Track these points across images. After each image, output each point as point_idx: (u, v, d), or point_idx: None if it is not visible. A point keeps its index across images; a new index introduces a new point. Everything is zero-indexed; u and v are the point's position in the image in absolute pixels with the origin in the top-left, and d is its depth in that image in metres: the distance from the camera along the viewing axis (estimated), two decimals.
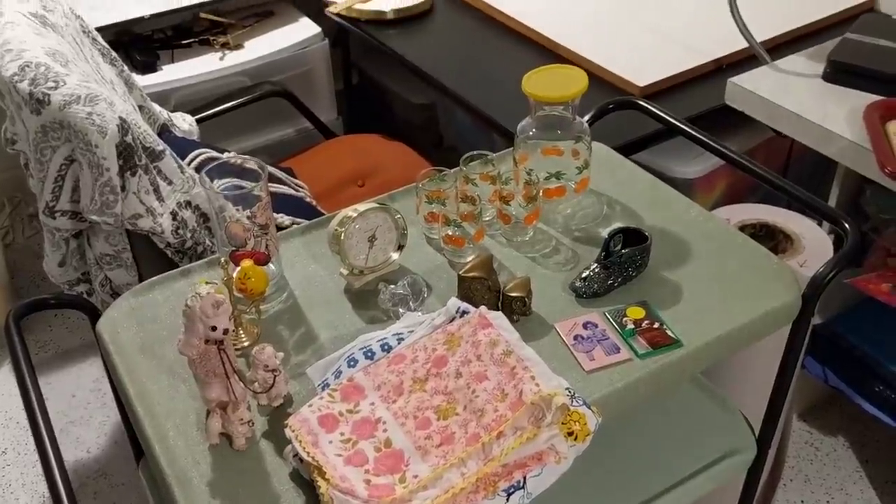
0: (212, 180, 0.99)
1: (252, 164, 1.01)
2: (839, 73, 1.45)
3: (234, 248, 0.99)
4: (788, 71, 1.51)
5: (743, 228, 1.48)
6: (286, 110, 1.98)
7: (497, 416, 0.80)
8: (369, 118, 2.40)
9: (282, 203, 1.55)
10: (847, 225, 1.09)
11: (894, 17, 1.65)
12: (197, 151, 1.48)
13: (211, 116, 1.80)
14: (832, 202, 1.57)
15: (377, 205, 1.06)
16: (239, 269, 0.94)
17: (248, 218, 0.99)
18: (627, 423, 1.19)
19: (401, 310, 1.02)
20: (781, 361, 1.13)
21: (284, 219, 1.46)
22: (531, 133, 1.17)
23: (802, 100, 1.42)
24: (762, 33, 1.64)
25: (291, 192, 1.62)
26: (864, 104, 1.36)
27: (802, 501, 1.81)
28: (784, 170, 1.82)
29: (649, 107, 1.35)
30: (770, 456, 1.60)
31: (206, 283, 0.82)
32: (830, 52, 1.48)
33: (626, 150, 1.53)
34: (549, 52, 1.80)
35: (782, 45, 1.73)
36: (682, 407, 1.24)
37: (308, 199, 1.63)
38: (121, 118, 1.14)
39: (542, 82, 1.13)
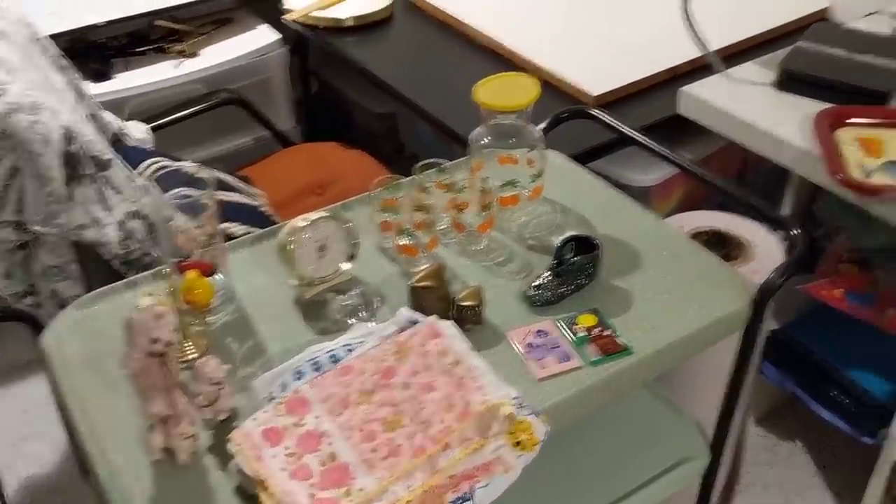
0: (164, 190, 0.98)
1: (202, 172, 1.00)
2: (791, 81, 1.46)
3: (179, 259, 0.97)
4: (741, 79, 1.52)
5: (697, 235, 1.49)
6: (244, 118, 1.97)
7: (444, 427, 0.79)
8: (329, 127, 2.38)
9: (237, 212, 1.53)
10: (796, 232, 1.10)
11: (845, 27, 1.68)
12: (150, 161, 1.45)
13: (166, 125, 1.78)
14: (786, 209, 1.59)
15: (327, 214, 1.05)
16: (184, 280, 0.92)
17: (196, 228, 0.97)
18: (581, 431, 1.19)
19: (351, 320, 1.00)
20: (733, 367, 1.14)
21: (239, 228, 1.45)
22: (484, 142, 1.16)
23: (754, 108, 1.43)
24: (716, 42, 1.65)
25: (247, 201, 1.60)
26: (814, 112, 1.37)
27: None
28: (740, 177, 1.83)
29: (602, 116, 1.35)
30: (726, 462, 1.61)
31: (148, 294, 0.81)
32: (782, 60, 1.50)
33: (583, 158, 1.53)
34: (506, 61, 1.81)
35: (736, 54, 1.74)
36: (635, 414, 1.24)
37: (264, 208, 1.61)
38: (65, 127, 1.12)
39: (494, 91, 1.13)
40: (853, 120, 1.33)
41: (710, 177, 1.21)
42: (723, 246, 1.47)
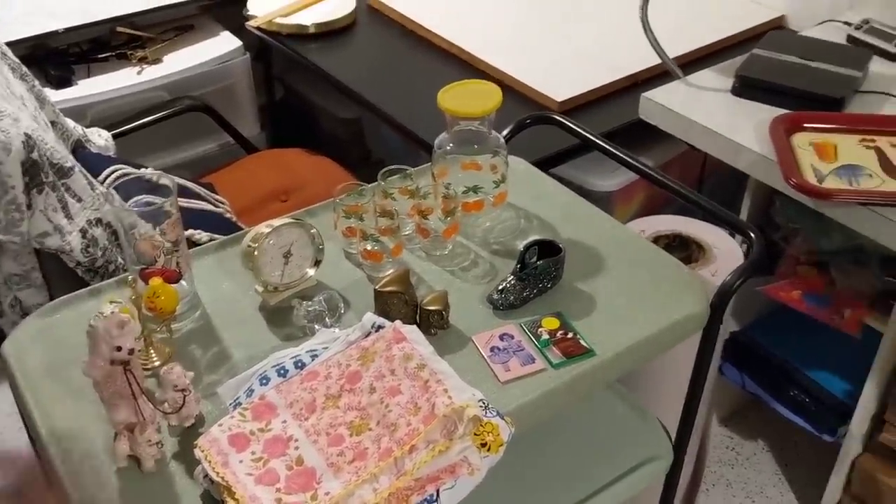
0: (127, 197, 0.97)
1: (164, 179, 1.00)
2: (747, 87, 1.50)
3: (143, 266, 0.97)
4: (699, 86, 1.55)
5: (658, 239, 1.52)
6: (208, 125, 1.96)
7: (410, 429, 0.80)
8: (295, 132, 2.38)
9: (201, 219, 1.52)
10: (753, 234, 1.12)
11: (800, 34, 1.72)
12: (112, 168, 1.44)
13: (129, 132, 1.77)
14: (744, 213, 1.62)
15: (292, 220, 1.06)
16: (148, 287, 0.92)
17: (159, 235, 0.97)
18: (545, 433, 1.21)
19: (317, 326, 1.01)
20: (694, 368, 1.16)
21: (203, 235, 1.44)
22: (448, 148, 1.17)
23: (712, 114, 1.46)
24: (675, 49, 1.69)
25: (211, 207, 1.60)
26: (770, 118, 1.40)
27: None
28: (699, 181, 1.87)
29: (565, 122, 1.37)
30: (689, 461, 1.63)
31: (111, 302, 0.81)
32: (739, 67, 1.53)
33: (545, 164, 1.55)
34: (470, 67, 1.82)
35: (695, 61, 1.78)
36: (599, 415, 1.26)
37: (228, 215, 1.61)
38: (26, 134, 1.11)
39: (458, 97, 1.14)
40: (808, 125, 1.36)
41: (670, 181, 1.23)
42: (684, 249, 1.50)
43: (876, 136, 1.34)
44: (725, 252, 1.42)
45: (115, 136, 1.67)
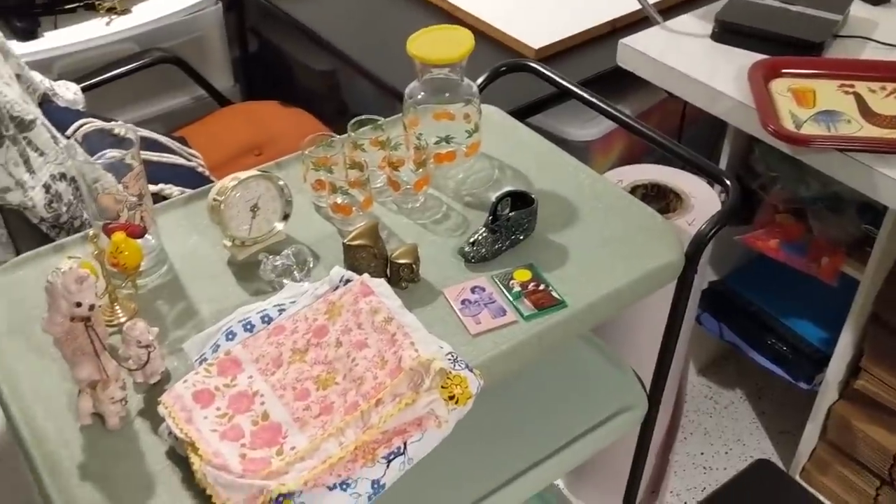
0: (92, 151, 0.95)
1: (130, 133, 0.97)
2: (726, 32, 1.47)
3: (106, 221, 0.95)
4: (679, 31, 1.52)
5: (636, 189, 1.50)
6: (180, 78, 1.92)
7: (376, 383, 0.79)
8: (269, 85, 2.34)
9: (172, 173, 1.50)
10: (728, 182, 1.11)
11: None
12: (81, 122, 1.41)
13: (97, 84, 1.73)
14: (723, 161, 1.61)
15: (259, 173, 1.03)
16: (111, 242, 0.90)
17: (123, 189, 0.95)
18: (520, 384, 1.21)
19: (285, 281, 0.99)
20: (668, 318, 1.15)
21: (174, 189, 1.42)
22: (420, 97, 1.15)
23: (691, 60, 1.43)
24: None
25: (183, 161, 1.57)
26: (749, 63, 1.38)
27: (702, 453, 1.87)
28: (680, 129, 1.85)
29: (542, 69, 1.34)
30: (666, 411, 1.64)
31: (70, 258, 0.79)
32: (718, 12, 1.50)
33: (523, 113, 1.53)
34: (447, 14, 1.78)
35: (676, 7, 1.74)
36: (575, 366, 1.26)
37: (201, 169, 1.58)
38: None
39: (428, 44, 1.11)
40: (786, 71, 1.34)
41: (648, 130, 1.21)
42: (662, 199, 1.48)
43: (855, 80, 1.32)
44: (703, 201, 1.41)
45: (84, 90, 1.63)
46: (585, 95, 1.28)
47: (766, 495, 1.48)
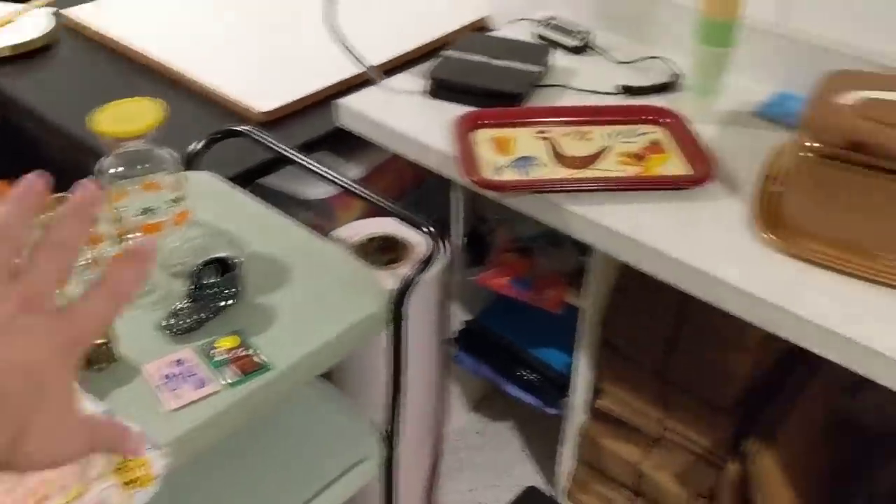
0: None
1: None
2: (440, 88, 1.56)
3: None
4: (396, 89, 1.59)
5: (372, 241, 1.55)
6: None
7: (40, 479, 0.76)
8: (22, 162, 2.21)
9: None
10: (428, 230, 1.17)
11: (489, 35, 1.81)
12: None
13: None
14: (456, 209, 1.68)
15: None
16: None
17: None
18: (257, 443, 1.20)
19: None
20: (393, 363, 1.19)
21: None
22: (114, 172, 1.13)
23: (407, 116, 1.50)
24: (378, 56, 1.72)
25: None
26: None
27: (471, 490, 1.92)
28: (420, 180, 1.92)
29: (255, 135, 1.36)
30: (426, 454, 1.68)
31: None
32: (432, 69, 1.59)
33: (252, 175, 1.54)
34: (174, 82, 1.77)
35: (399, 67, 1.82)
36: (310, 420, 1.27)
37: None
38: None
39: (116, 118, 1.10)
40: (485, 122, 1.43)
41: (358, 191, 1.25)
42: (393, 249, 1.54)
43: (549, 126, 1.44)
44: (423, 250, 1.48)
45: None
46: (298, 160, 1.31)
47: None
